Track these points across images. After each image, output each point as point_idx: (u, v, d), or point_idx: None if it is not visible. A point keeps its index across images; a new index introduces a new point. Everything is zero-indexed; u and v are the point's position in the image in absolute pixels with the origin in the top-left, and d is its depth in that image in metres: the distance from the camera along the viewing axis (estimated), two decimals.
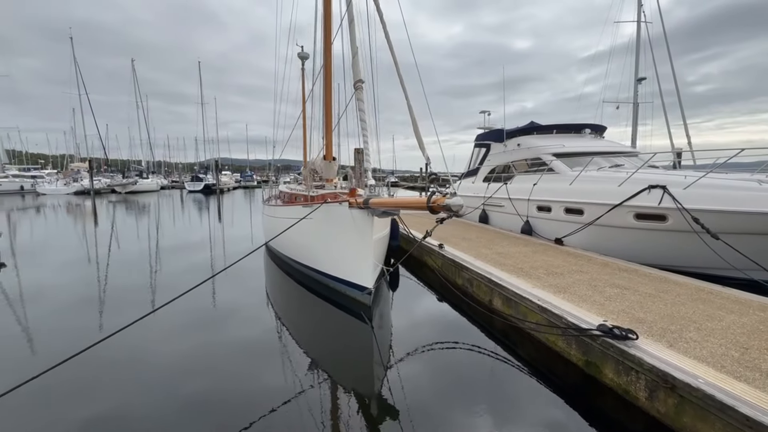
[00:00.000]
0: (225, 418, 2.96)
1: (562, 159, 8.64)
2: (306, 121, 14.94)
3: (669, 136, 14.30)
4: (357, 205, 4.88)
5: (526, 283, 4.75)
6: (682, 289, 4.53)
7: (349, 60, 6.02)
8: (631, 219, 6.44)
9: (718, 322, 3.50)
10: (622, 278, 4.99)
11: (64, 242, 11.20)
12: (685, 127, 13.53)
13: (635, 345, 3.04)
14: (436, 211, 3.66)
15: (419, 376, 3.65)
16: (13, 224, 15.02)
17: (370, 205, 4.56)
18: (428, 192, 3.80)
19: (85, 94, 34.34)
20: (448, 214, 3.67)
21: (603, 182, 7.21)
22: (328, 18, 8.15)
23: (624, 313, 3.76)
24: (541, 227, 8.48)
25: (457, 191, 12.95)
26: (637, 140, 15.99)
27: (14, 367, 3.80)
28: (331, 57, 8.24)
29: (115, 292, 6.26)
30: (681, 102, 13.61)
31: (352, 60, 5.54)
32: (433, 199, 3.60)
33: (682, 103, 13.51)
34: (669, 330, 3.34)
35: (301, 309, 5.86)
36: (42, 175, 36.81)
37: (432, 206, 3.60)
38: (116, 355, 3.93)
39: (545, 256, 6.28)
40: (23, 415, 3.01)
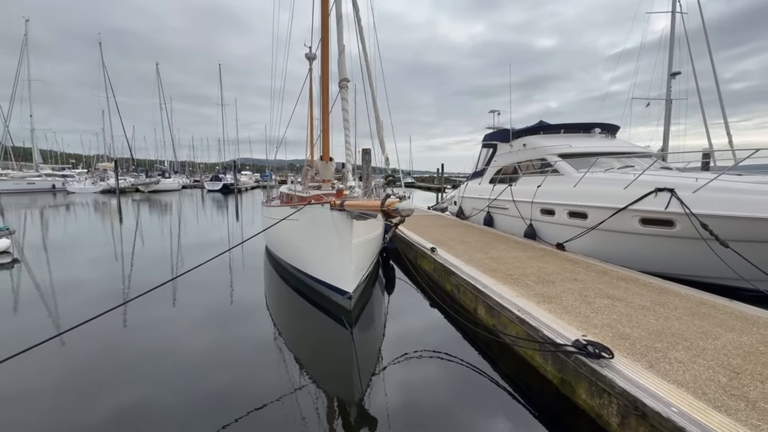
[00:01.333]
0: (175, 420, 2.89)
1: (567, 160, 8.24)
2: (313, 121, 15.02)
3: (707, 135, 13.30)
4: (336, 206, 4.76)
5: (511, 291, 4.50)
6: (682, 301, 4.17)
7: (351, 63, 5.93)
8: (636, 224, 6.04)
9: (712, 341, 3.17)
10: (617, 288, 4.65)
11: (87, 238, 11.62)
12: (725, 125, 12.54)
13: (609, 364, 2.77)
14: (389, 215, 3.48)
15: (392, 385, 3.50)
16: (45, 220, 15.96)
17: (334, 206, 4.45)
18: (383, 194, 3.63)
19: (113, 96, 35.93)
20: (399, 218, 3.49)
21: (608, 184, 6.81)
22: (325, 18, 8.08)
23: (608, 327, 3.47)
24: (545, 231, 8.11)
25: (463, 194, 12.56)
26: (670, 140, 15.01)
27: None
28: (328, 57, 8.16)
29: (106, 282, 6.38)
30: (721, 98, 12.63)
31: (338, 58, 5.42)
32: (388, 202, 3.43)
33: (723, 100, 12.56)
34: (653, 348, 3.04)
35: (288, 311, 5.78)
36: (72, 175, 38.62)
37: (384, 210, 3.43)
38: (87, 345, 3.96)
39: (541, 263, 5.97)
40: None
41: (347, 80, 5.32)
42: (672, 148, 14.56)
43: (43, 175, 35.46)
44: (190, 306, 5.67)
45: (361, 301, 5.61)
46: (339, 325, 5.04)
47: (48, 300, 5.93)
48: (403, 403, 3.24)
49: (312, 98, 14.91)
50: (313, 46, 11.00)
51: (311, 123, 14.84)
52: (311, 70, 15.02)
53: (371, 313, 5.50)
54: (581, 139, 9.09)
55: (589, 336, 3.26)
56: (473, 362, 3.88)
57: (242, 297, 6.19)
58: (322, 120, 8.34)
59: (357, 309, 5.31)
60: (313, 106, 14.90)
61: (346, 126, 5.05)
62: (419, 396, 3.34)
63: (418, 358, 4.05)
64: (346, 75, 5.34)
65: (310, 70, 15.00)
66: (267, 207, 8.33)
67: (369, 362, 4.02)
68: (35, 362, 3.62)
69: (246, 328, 4.95)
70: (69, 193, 32.95)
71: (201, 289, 6.40)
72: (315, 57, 14.84)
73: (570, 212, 7.31)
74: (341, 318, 5.12)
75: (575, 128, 9.49)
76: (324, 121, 8.32)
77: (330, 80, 8.32)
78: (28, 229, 13.69)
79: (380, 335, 4.86)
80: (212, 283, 6.78)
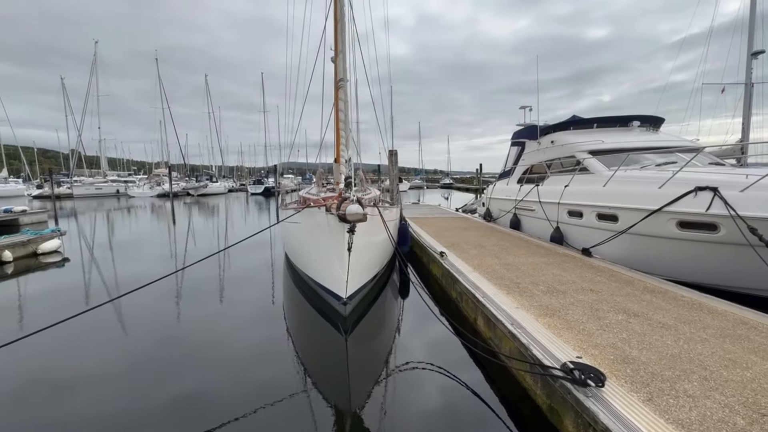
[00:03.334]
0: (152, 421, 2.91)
1: (598, 157, 7.51)
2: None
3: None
4: (330, 210, 4.65)
5: (512, 302, 4.11)
6: (716, 319, 3.56)
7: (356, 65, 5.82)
8: (672, 228, 5.33)
9: (740, 371, 2.63)
10: (639, 302, 4.09)
11: (137, 237, 12.60)
12: None
13: (597, 394, 2.38)
14: (344, 219, 3.29)
15: (377, 398, 3.35)
16: (111, 221, 17.87)
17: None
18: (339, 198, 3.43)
19: (168, 107, 38.87)
20: (350, 222, 3.28)
21: (642, 183, 6.09)
22: (336, 19, 8.06)
23: (612, 348, 3.02)
24: (573, 235, 7.46)
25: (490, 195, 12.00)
26: (751, 131, 12.88)
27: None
28: (338, 52, 8.13)
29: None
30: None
31: (336, 59, 5.32)
32: (343, 206, 3.23)
33: None
34: (660, 377, 2.58)
35: (291, 315, 5.75)
36: (134, 180, 42.27)
37: (338, 213, 3.24)
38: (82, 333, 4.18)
39: (559, 270, 5.44)
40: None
41: (344, 80, 5.21)
42: (754, 139, 12.39)
43: (109, 181, 39.16)
44: (195, 302, 5.86)
45: (361, 308, 5.44)
46: (336, 331, 4.93)
47: (91, 296, 6.41)
48: (384, 417, 3.06)
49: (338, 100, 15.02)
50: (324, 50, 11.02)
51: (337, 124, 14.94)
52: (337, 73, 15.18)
53: (372, 321, 5.31)
54: (616, 133, 8.26)
55: (586, 358, 2.85)
56: (468, 380, 3.56)
57: (250, 297, 6.28)
58: (334, 122, 8.30)
59: (354, 315, 5.16)
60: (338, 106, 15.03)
61: (343, 127, 4.92)
62: (402, 414, 3.11)
63: (410, 371, 3.83)
64: (343, 75, 5.22)
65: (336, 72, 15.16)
66: (282, 210, 8.46)
67: (361, 372, 3.86)
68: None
69: (243, 329, 4.98)
70: (130, 197, 36.11)
71: (206, 285, 6.61)
72: None
73: (599, 214, 6.65)
74: (338, 324, 5.00)
75: (610, 122, 8.65)
76: (336, 124, 8.28)
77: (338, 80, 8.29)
78: (88, 229, 15.12)
79: (377, 344, 4.68)
80: (220, 280, 6.97)
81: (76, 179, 37.88)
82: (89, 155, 45.97)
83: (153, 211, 22.71)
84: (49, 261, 8.97)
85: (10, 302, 6.16)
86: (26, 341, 3.19)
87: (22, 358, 3.99)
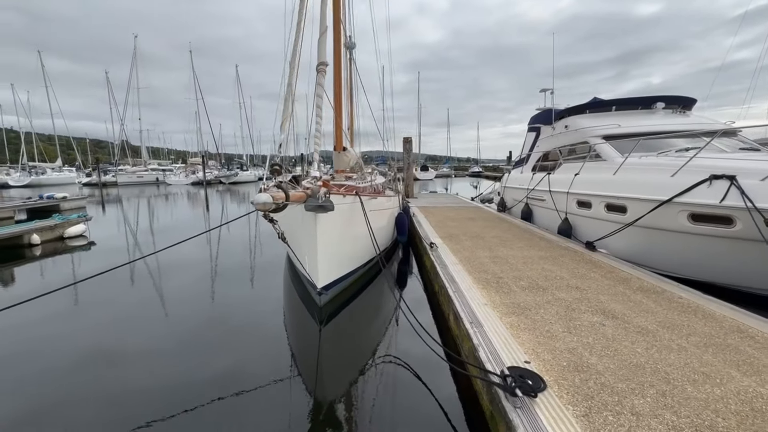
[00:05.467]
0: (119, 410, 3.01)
1: (613, 142, 6.89)
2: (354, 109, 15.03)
3: None
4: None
5: (484, 298, 3.86)
6: (707, 325, 3.14)
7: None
8: (684, 220, 4.79)
9: (709, 387, 2.29)
10: (626, 302, 3.70)
11: (168, 221, 13.31)
12: None
13: (527, 405, 2.15)
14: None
15: (341, 390, 3.34)
16: (152, 207, 19.13)
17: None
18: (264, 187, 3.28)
19: (201, 98, 40.37)
20: (264, 211, 3.13)
21: (655, 171, 5.52)
22: (337, 9, 7.85)
23: (569, 353, 2.73)
24: (581, 227, 6.95)
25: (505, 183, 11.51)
26: None
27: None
28: (341, 43, 7.93)
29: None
30: None
31: (319, 39, 5.16)
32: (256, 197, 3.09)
33: None
34: (611, 389, 2.30)
35: (276, 303, 5.81)
36: (171, 169, 44.56)
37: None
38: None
39: (551, 264, 5.07)
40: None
41: (325, 64, 5.03)
42: None
43: (149, 170, 41.52)
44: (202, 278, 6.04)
45: (342, 298, 5.38)
46: (313, 321, 4.90)
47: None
48: (343, 411, 3.05)
49: (351, 86, 14.85)
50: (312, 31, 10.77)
51: (352, 111, 14.83)
52: (351, 60, 14.95)
53: (353, 313, 5.22)
54: (637, 116, 7.53)
55: (535, 363, 2.61)
56: (430, 380, 3.39)
57: (246, 279, 6.41)
58: (335, 108, 8.16)
59: (332, 307, 5.10)
60: (352, 93, 14.89)
61: (318, 114, 4.78)
62: (359, 408, 3.06)
63: (376, 366, 3.75)
64: (324, 59, 5.05)
65: (350, 59, 14.93)
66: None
67: (330, 364, 3.84)
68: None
69: (223, 315, 5.05)
70: (167, 185, 38.15)
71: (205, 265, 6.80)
72: (354, 45, 14.75)
73: (608, 205, 6.13)
74: (314, 315, 4.98)
75: (631, 104, 7.89)
76: (337, 110, 8.13)
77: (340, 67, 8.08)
78: (126, 213, 16.12)
79: (350, 337, 4.60)
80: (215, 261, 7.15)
81: (120, 168, 40.47)
82: (134, 145, 49.00)
83: (186, 198, 23.85)
84: (75, 245, 9.61)
85: (30, 280, 6.67)
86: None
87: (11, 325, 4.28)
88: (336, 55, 8.02)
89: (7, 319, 3.86)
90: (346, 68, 12.90)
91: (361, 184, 7.41)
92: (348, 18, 10.08)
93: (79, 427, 2.82)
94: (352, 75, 14.80)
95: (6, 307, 3.03)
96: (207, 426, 2.81)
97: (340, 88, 8.13)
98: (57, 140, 42.99)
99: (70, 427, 2.82)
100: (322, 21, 5.31)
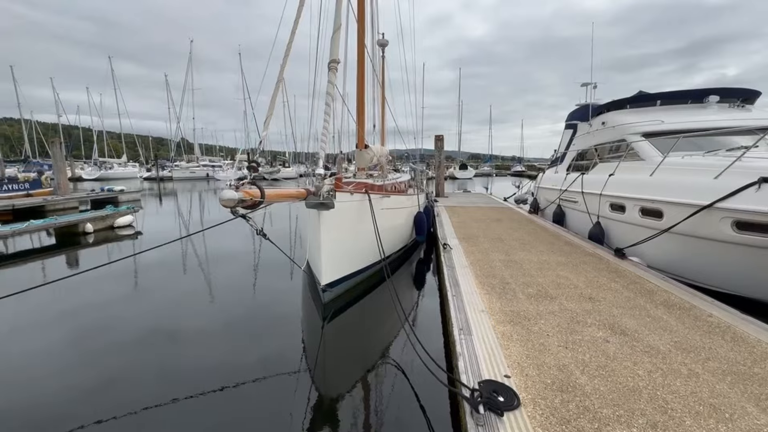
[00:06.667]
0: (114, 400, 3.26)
1: (653, 140, 6.26)
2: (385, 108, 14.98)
3: None
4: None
5: (483, 304, 3.66)
6: (734, 350, 2.74)
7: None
8: (727, 228, 4.25)
9: (714, 423, 1.99)
10: (643, 317, 3.34)
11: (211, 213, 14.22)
12: None
13: (491, 423, 2.00)
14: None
15: (339, 389, 3.37)
16: (201, 200, 20.66)
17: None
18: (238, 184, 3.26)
19: (249, 98, 42.41)
20: (234, 209, 3.09)
21: (697, 172, 4.94)
22: (361, 6, 7.84)
23: (558, 370, 2.51)
24: (614, 232, 6.41)
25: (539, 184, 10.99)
26: None
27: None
28: (364, 42, 7.92)
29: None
30: None
31: (332, 36, 5.17)
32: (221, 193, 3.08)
33: None
34: (594, 414, 2.07)
35: (287, 299, 5.93)
36: (220, 165, 47.31)
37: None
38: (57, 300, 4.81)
39: (568, 271, 4.71)
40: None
41: (337, 62, 5.03)
42: None
43: (201, 166, 44.38)
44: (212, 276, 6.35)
45: (347, 297, 5.38)
46: (318, 318, 4.95)
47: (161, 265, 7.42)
48: (326, 403, 3.12)
49: (384, 84, 14.81)
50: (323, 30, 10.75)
51: (383, 109, 14.81)
52: (384, 58, 14.90)
53: (358, 312, 5.20)
54: (684, 111, 6.78)
55: (516, 378, 2.42)
56: (422, 388, 3.31)
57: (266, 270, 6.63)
58: (357, 107, 8.17)
59: (336, 304, 5.12)
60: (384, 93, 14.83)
61: (327, 111, 4.79)
62: (344, 406, 3.08)
63: (371, 368, 3.75)
64: (336, 56, 5.05)
65: (383, 57, 14.89)
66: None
67: (331, 361, 3.91)
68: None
69: (231, 307, 5.25)
70: (216, 180, 40.57)
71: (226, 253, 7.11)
72: (387, 43, 14.68)
73: (643, 209, 5.59)
74: (319, 311, 5.02)
75: (679, 98, 7.11)
76: (359, 109, 8.14)
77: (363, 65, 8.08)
78: (174, 206, 17.39)
79: (352, 336, 4.60)
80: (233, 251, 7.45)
81: (175, 164, 43.65)
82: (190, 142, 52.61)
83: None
84: (124, 234, 10.49)
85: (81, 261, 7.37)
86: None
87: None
88: (360, 54, 8.02)
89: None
90: (378, 66, 12.89)
91: (380, 182, 7.36)
92: (374, 15, 10.02)
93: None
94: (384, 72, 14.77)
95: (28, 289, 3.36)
96: (207, 409, 2.94)
97: (363, 86, 8.13)
98: (123, 138, 47.25)
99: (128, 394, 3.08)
100: (337, 18, 5.30)
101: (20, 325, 4.58)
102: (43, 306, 5.11)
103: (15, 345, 4.09)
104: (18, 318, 4.75)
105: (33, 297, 4.65)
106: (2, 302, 3.55)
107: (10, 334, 4.35)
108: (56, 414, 2.94)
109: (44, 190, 15.51)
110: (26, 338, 4.23)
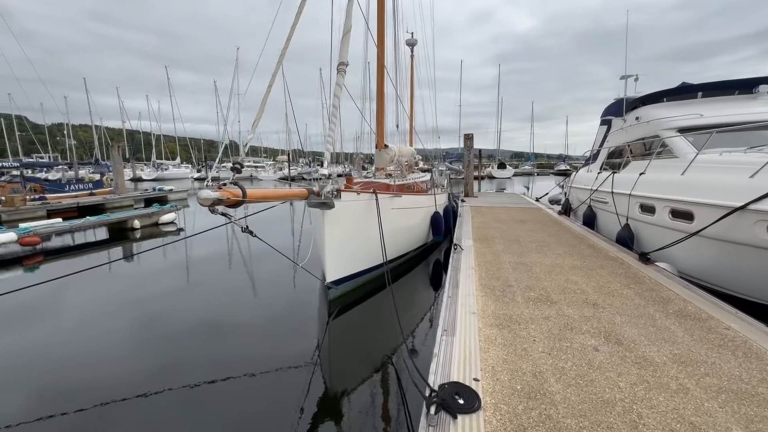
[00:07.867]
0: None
1: (689, 135, 5.74)
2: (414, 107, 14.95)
3: None
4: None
5: (476, 306, 3.59)
6: (744, 368, 2.49)
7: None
8: (762, 232, 3.84)
9: None
10: (648, 327, 3.11)
11: None
12: None
13: (443, 425, 1.99)
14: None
15: (338, 386, 3.56)
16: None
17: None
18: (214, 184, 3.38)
19: (290, 101, 43.90)
20: (212, 208, 3.19)
21: (731, 171, 4.50)
22: (381, 6, 7.90)
23: (532, 376, 2.42)
24: (644, 234, 5.98)
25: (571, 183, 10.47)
26: None
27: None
28: (383, 44, 7.98)
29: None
30: None
31: (342, 38, 5.29)
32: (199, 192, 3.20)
33: None
34: (557, 425, 1.99)
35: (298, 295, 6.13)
36: (263, 165, 49.59)
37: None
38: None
39: (579, 276, 4.47)
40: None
41: (345, 64, 5.14)
42: None
43: (245, 166, 46.83)
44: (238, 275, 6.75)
45: (355, 295, 5.49)
46: (325, 315, 5.10)
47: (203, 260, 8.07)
48: (333, 410, 3.21)
49: (413, 84, 14.80)
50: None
51: (411, 108, 14.78)
52: (413, 57, 14.87)
53: (365, 311, 5.30)
54: (729, 104, 6.14)
55: (486, 382, 2.38)
56: (409, 389, 3.38)
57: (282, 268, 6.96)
58: (377, 108, 8.25)
59: (342, 302, 5.25)
60: (413, 93, 14.82)
61: (334, 113, 4.91)
62: (339, 410, 3.22)
63: (365, 369, 3.88)
64: (345, 59, 5.16)
65: (412, 56, 14.86)
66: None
67: (333, 357, 4.14)
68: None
69: (231, 305, 5.56)
70: (258, 180, 42.60)
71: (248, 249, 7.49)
72: (416, 42, 14.63)
73: (673, 210, 5.18)
74: (325, 308, 5.18)
75: (725, 88, 6.46)
76: (379, 110, 8.22)
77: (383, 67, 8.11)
78: None
79: (356, 335, 4.71)
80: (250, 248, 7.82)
81: (222, 165, 46.42)
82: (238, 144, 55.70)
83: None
84: (167, 230, 11.38)
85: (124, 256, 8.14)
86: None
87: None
88: (379, 54, 8.09)
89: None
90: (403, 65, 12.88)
91: (395, 182, 7.38)
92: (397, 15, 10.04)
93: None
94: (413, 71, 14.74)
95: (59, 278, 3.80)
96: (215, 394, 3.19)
97: (382, 86, 8.19)
98: (178, 141, 50.97)
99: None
100: (347, 20, 5.41)
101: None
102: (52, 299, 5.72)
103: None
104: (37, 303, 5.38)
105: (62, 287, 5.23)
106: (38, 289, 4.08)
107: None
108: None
109: (105, 189, 17.20)
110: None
